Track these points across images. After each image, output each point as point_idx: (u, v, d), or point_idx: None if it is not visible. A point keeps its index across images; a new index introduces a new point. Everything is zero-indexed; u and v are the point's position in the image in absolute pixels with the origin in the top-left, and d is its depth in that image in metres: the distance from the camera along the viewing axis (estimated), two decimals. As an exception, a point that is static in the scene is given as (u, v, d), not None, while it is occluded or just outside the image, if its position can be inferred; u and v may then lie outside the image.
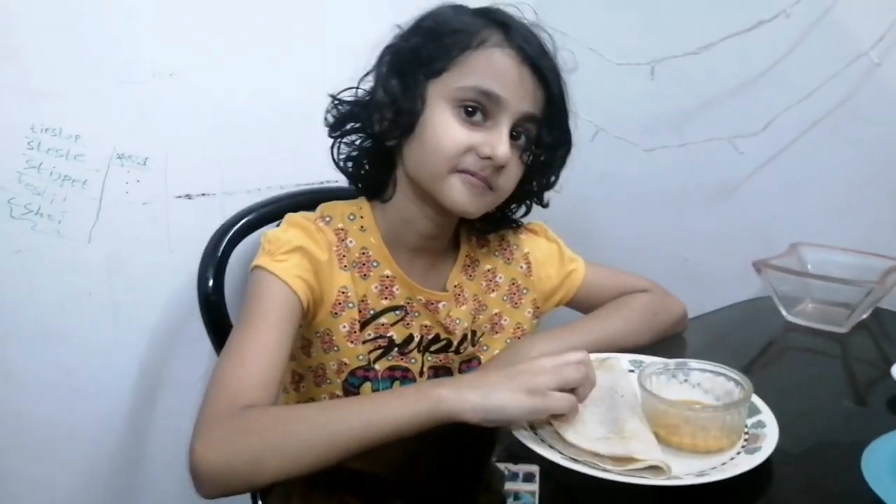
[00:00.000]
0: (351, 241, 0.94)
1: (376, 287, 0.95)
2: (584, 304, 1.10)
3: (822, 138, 1.26)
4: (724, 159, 1.36)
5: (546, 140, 0.94)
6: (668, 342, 1.06)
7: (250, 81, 1.25)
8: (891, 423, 0.84)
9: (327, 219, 0.95)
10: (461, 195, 0.89)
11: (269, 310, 0.83)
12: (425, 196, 0.92)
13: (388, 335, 0.96)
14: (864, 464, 0.62)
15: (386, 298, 0.96)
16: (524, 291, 1.06)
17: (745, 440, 0.75)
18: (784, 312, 1.16)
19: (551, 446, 0.73)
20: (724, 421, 0.74)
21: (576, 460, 0.69)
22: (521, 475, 0.72)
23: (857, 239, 1.21)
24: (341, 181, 1.31)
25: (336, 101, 0.96)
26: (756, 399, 0.79)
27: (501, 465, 0.73)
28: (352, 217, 0.96)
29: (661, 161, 1.43)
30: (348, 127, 0.96)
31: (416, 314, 0.98)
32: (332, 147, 0.98)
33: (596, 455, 0.69)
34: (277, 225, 1.16)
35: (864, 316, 1.11)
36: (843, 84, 1.20)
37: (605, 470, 0.68)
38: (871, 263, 1.14)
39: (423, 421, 0.69)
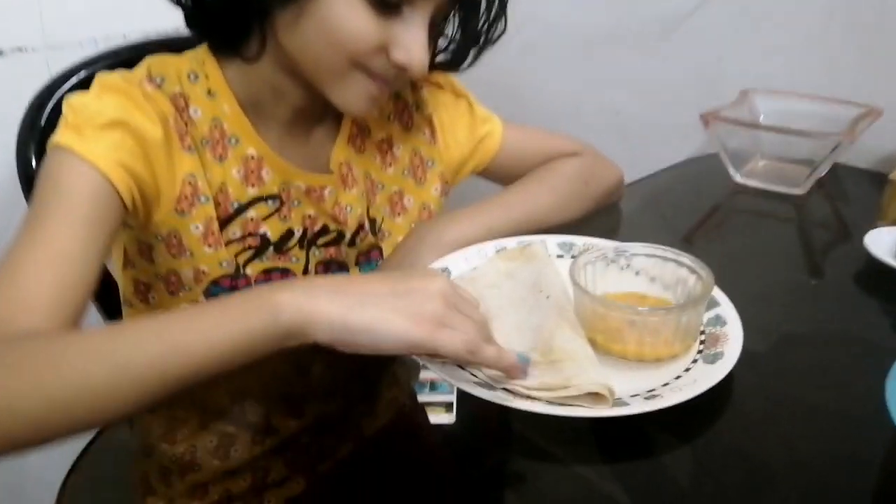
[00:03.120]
0: (195, 111, 0.70)
1: (238, 171, 0.73)
2: (501, 174, 0.91)
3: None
4: (664, -11, 1.15)
5: (469, 26, 0.74)
6: (600, 213, 0.90)
7: None
8: (863, 303, 0.74)
9: (158, 80, 0.69)
10: (357, 100, 0.70)
11: (69, 205, 0.60)
12: (303, 71, 0.70)
13: (260, 232, 0.75)
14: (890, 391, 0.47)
15: (253, 186, 0.74)
16: (429, 164, 0.86)
17: (702, 342, 0.61)
18: (732, 172, 1.00)
19: (461, 366, 0.57)
20: (678, 322, 0.58)
21: (493, 387, 0.54)
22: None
23: (819, 82, 1.04)
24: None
25: None
26: (714, 289, 0.63)
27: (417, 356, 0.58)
28: (193, 77, 0.71)
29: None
30: None
31: (296, 203, 0.77)
32: None
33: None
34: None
35: (824, 172, 0.96)
36: None
37: (531, 398, 0.53)
38: (834, 111, 0.98)
39: (256, 342, 0.49)
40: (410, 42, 0.66)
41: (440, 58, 0.77)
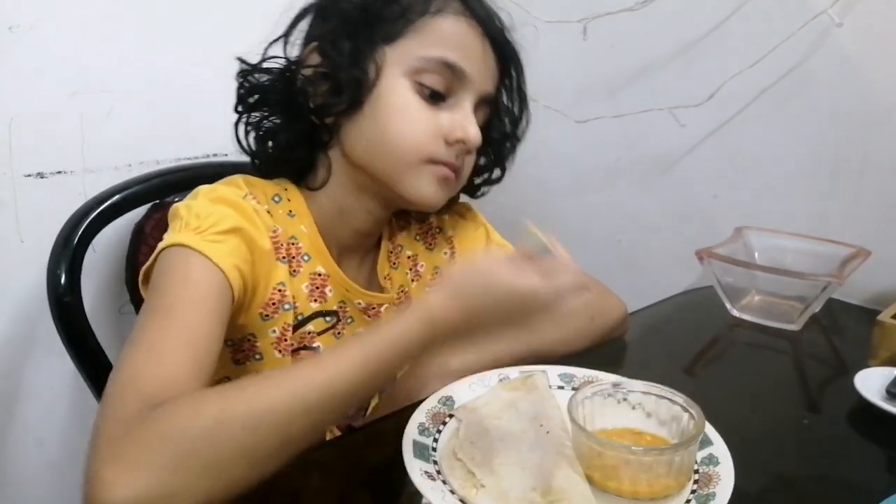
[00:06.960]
0: (278, 228, 0.77)
1: (307, 286, 0.79)
2: None
3: (771, 108, 1.13)
4: (663, 132, 1.23)
5: (498, 127, 0.85)
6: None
7: (118, 35, 1.04)
8: (853, 444, 0.75)
9: (253, 197, 0.76)
10: (431, 190, 0.78)
11: (196, 295, 0.65)
12: (369, 186, 0.78)
13: (314, 346, 0.80)
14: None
15: (316, 301, 0.80)
16: None
17: (696, 481, 0.62)
18: (728, 306, 1.04)
19: (463, 501, 0.58)
20: (672, 462, 0.60)
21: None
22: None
23: (808, 222, 1.10)
24: (232, 154, 1.15)
25: (246, 71, 0.79)
26: (707, 427, 0.66)
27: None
28: (277, 199, 0.79)
29: (593, 134, 1.29)
30: (262, 102, 0.79)
31: (349, 320, 0.82)
32: (236, 124, 0.81)
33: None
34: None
35: (817, 309, 0.99)
36: (797, 47, 1.07)
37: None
38: (824, 250, 1.03)
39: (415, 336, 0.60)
40: (461, 120, 0.76)
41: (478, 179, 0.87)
